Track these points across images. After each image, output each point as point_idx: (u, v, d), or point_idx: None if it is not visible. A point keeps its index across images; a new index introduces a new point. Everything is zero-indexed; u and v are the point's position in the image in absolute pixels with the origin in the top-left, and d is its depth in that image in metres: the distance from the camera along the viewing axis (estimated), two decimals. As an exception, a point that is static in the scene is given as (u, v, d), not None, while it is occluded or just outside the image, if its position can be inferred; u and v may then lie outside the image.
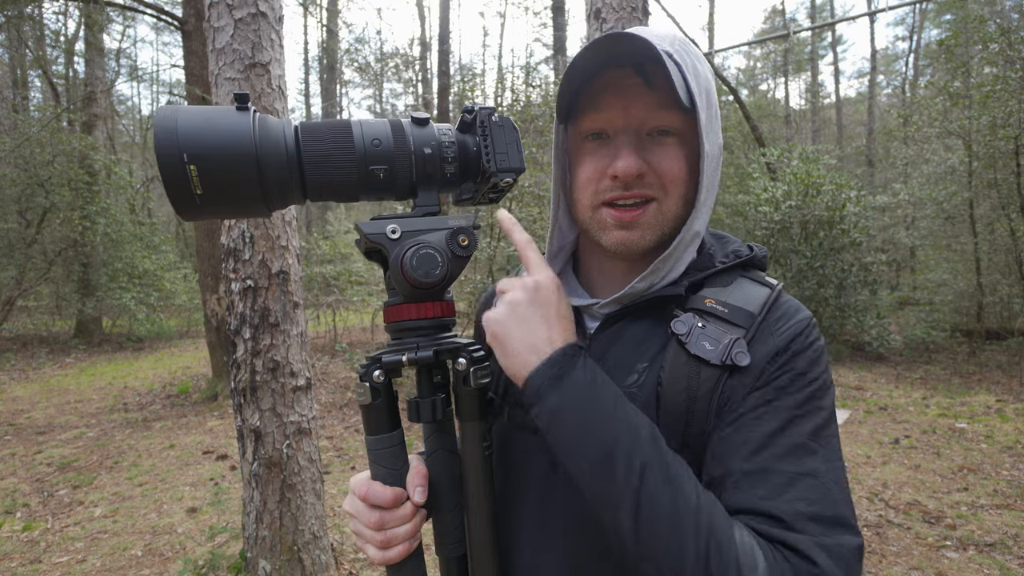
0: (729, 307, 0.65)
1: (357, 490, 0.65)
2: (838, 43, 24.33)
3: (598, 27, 2.78)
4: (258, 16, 2.40)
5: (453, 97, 11.84)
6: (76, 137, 9.81)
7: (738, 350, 0.61)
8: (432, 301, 0.65)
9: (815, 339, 0.65)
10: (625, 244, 0.67)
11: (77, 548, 3.25)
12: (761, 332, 0.64)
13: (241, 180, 0.56)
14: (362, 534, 0.65)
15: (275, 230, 2.46)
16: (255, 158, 0.56)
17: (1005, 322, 8.69)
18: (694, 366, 0.62)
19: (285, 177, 0.59)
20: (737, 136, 14.55)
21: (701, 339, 0.63)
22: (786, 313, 0.65)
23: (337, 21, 19.34)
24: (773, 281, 0.69)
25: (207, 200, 0.56)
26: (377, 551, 0.64)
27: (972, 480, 4.01)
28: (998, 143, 7.73)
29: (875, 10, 11.49)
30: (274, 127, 0.59)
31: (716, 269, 0.69)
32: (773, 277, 0.71)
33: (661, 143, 0.66)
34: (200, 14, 6.18)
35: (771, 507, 0.55)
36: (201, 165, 0.54)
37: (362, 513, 0.65)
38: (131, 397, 6.93)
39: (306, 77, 24.81)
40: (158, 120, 0.54)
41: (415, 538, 0.65)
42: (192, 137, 0.54)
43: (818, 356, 0.64)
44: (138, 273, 10.87)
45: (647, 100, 0.65)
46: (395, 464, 0.66)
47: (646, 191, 0.66)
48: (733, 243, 0.74)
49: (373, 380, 0.64)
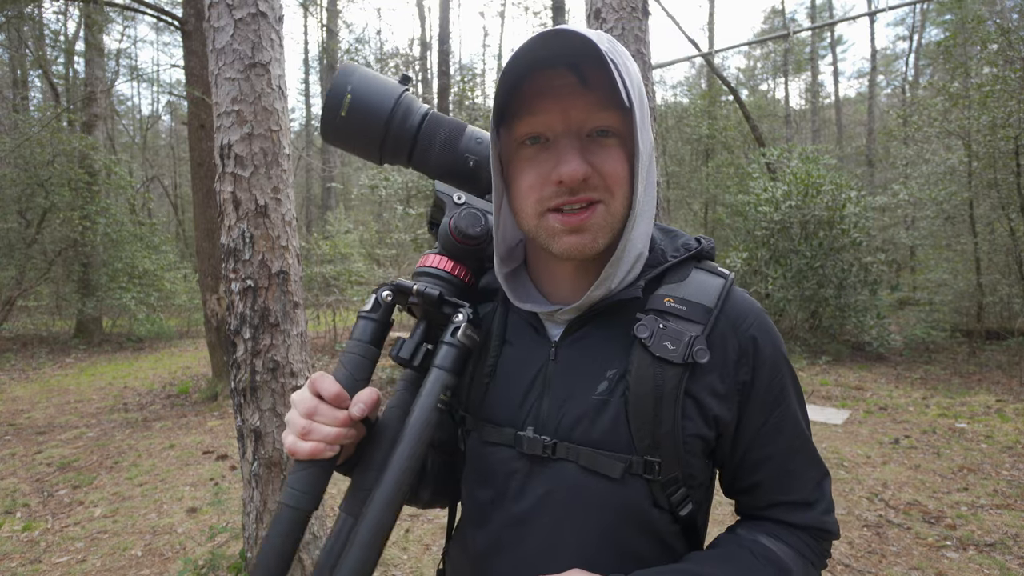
0: (687, 304, 0.68)
1: (311, 380, 0.65)
2: (838, 43, 24.35)
3: (598, 27, 2.78)
4: (258, 16, 2.40)
5: (453, 97, 11.84)
6: (76, 137, 9.81)
7: (698, 347, 0.65)
8: (460, 263, 0.74)
9: (776, 339, 0.72)
10: (578, 248, 0.65)
11: (77, 548, 3.25)
12: (720, 326, 0.68)
13: (371, 123, 0.72)
14: (291, 420, 0.64)
15: (275, 230, 2.46)
16: (388, 115, 0.72)
17: (1005, 322, 8.69)
18: (658, 367, 0.65)
19: (401, 140, 0.74)
20: (737, 136, 14.56)
21: (663, 340, 0.65)
22: (742, 311, 0.70)
23: (337, 21, 19.33)
24: (724, 271, 0.72)
25: (344, 123, 0.72)
26: (293, 437, 0.63)
27: (972, 480, 4.01)
28: (998, 143, 7.73)
29: (875, 10, 11.50)
30: (413, 105, 0.75)
31: (669, 264, 0.71)
32: (726, 268, 0.77)
33: (602, 144, 0.65)
34: (200, 14, 6.18)
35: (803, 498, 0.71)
36: (355, 97, 0.72)
37: (301, 401, 0.64)
38: (131, 397, 6.93)
39: (306, 77, 24.81)
40: (344, 65, 0.74)
41: (331, 448, 0.62)
42: (360, 80, 0.72)
43: (783, 353, 0.72)
44: (138, 273, 10.87)
45: (585, 100, 0.63)
46: (357, 374, 0.68)
47: (591, 194, 0.64)
48: (681, 236, 0.76)
49: (380, 296, 0.70)
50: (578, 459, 0.67)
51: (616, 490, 0.66)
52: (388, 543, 2.96)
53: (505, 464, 0.71)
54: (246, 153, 2.39)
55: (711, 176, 14.22)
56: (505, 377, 0.74)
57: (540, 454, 0.68)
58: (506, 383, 0.73)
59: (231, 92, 2.38)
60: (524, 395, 0.71)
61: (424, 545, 3.21)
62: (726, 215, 10.72)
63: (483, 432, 0.74)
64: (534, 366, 0.72)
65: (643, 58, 2.76)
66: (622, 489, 0.66)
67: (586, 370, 0.69)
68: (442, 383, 0.66)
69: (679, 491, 0.67)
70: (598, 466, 0.66)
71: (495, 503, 0.72)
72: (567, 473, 0.67)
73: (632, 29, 2.73)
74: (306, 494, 0.63)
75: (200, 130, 6.48)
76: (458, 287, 0.73)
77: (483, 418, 0.74)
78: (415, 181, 8.89)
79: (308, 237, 11.15)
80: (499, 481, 0.72)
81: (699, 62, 18.51)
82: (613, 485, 0.66)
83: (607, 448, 0.66)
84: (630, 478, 0.66)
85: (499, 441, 0.72)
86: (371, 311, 0.70)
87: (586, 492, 0.67)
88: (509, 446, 0.71)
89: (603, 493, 0.66)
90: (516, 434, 0.70)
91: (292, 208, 2.55)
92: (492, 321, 0.77)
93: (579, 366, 0.70)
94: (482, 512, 0.74)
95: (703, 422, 0.67)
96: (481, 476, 0.74)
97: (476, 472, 0.76)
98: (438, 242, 0.75)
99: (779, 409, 0.70)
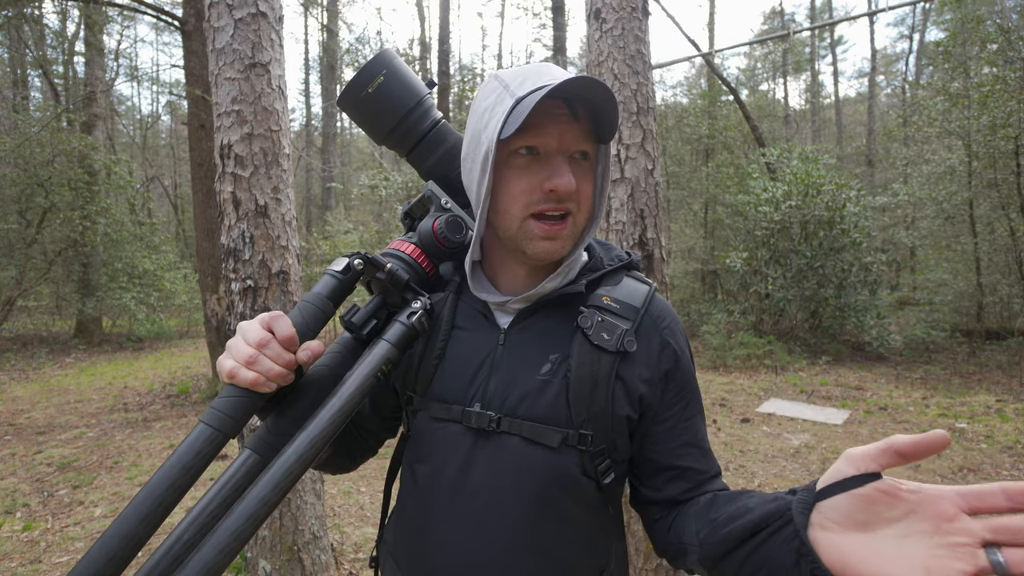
0: (620, 303, 0.80)
1: (264, 316, 0.67)
2: (838, 44, 24.33)
3: (598, 27, 2.78)
4: (258, 16, 2.40)
5: (453, 97, 11.85)
6: (76, 137, 9.80)
7: (628, 338, 0.77)
8: (428, 258, 0.81)
9: (685, 339, 0.85)
10: (550, 254, 0.77)
11: (77, 548, 3.25)
12: (645, 324, 0.81)
13: (390, 110, 0.81)
14: (236, 347, 0.64)
15: (275, 230, 2.46)
16: (408, 110, 0.81)
17: (1005, 322, 8.69)
18: (595, 354, 0.76)
19: (410, 136, 0.83)
20: (737, 136, 14.54)
21: (600, 331, 0.77)
22: (662, 313, 0.83)
23: (337, 21, 19.32)
24: (649, 280, 0.86)
25: (365, 99, 0.81)
26: (234, 363, 0.63)
27: (972, 480, 4.01)
28: (998, 143, 7.73)
29: (875, 10, 11.50)
30: (431, 110, 0.84)
31: (607, 269, 0.84)
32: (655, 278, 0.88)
33: (581, 165, 0.77)
34: (200, 14, 6.18)
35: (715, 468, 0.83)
36: (385, 81, 0.80)
37: (252, 331, 0.65)
38: (131, 397, 6.93)
39: (306, 77, 24.82)
40: (386, 50, 0.82)
41: (267, 384, 0.64)
42: (396, 69, 0.81)
43: (690, 351, 0.86)
44: (138, 273, 10.86)
45: (573, 130, 0.75)
46: (311, 323, 0.70)
47: (568, 205, 0.76)
48: (614, 249, 0.89)
49: (352, 261, 0.73)
50: (521, 432, 0.76)
51: (553, 457, 0.75)
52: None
53: (452, 440, 0.78)
54: (246, 153, 2.39)
55: (711, 176, 14.21)
56: (454, 360, 0.82)
57: (486, 427, 0.76)
58: (455, 365, 0.81)
59: (231, 92, 2.38)
60: (473, 375, 0.80)
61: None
62: (726, 215, 10.72)
63: (431, 409, 0.81)
64: (483, 350, 0.81)
65: (643, 58, 2.76)
66: (558, 457, 0.75)
67: (531, 354, 0.79)
68: (386, 355, 0.69)
69: (604, 462, 0.77)
70: (539, 437, 0.75)
71: (439, 475, 0.78)
72: (511, 445, 0.76)
73: (632, 29, 2.73)
74: (231, 419, 0.62)
75: (200, 130, 6.48)
76: (421, 277, 0.80)
77: (432, 397, 0.81)
78: (415, 182, 8.88)
79: (308, 237, 11.15)
80: (446, 455, 0.78)
81: (699, 62, 18.51)
82: (551, 453, 0.75)
83: (548, 423, 0.76)
84: (566, 449, 0.75)
85: (447, 417, 0.79)
86: (340, 272, 0.73)
87: (527, 460, 0.75)
88: (456, 422, 0.78)
89: (542, 460, 0.75)
90: (464, 410, 0.78)
91: (292, 208, 2.55)
92: (443, 308, 0.84)
93: (525, 350, 0.79)
94: (427, 486, 0.80)
95: (628, 403, 0.77)
96: (427, 451, 0.81)
97: (422, 448, 0.81)
98: (416, 234, 0.82)
99: (693, 397, 0.83)
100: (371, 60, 0.81)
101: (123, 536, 0.54)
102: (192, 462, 0.60)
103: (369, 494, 3.99)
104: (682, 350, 0.83)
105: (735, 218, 10.07)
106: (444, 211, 0.83)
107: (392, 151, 0.89)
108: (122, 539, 0.54)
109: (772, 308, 9.19)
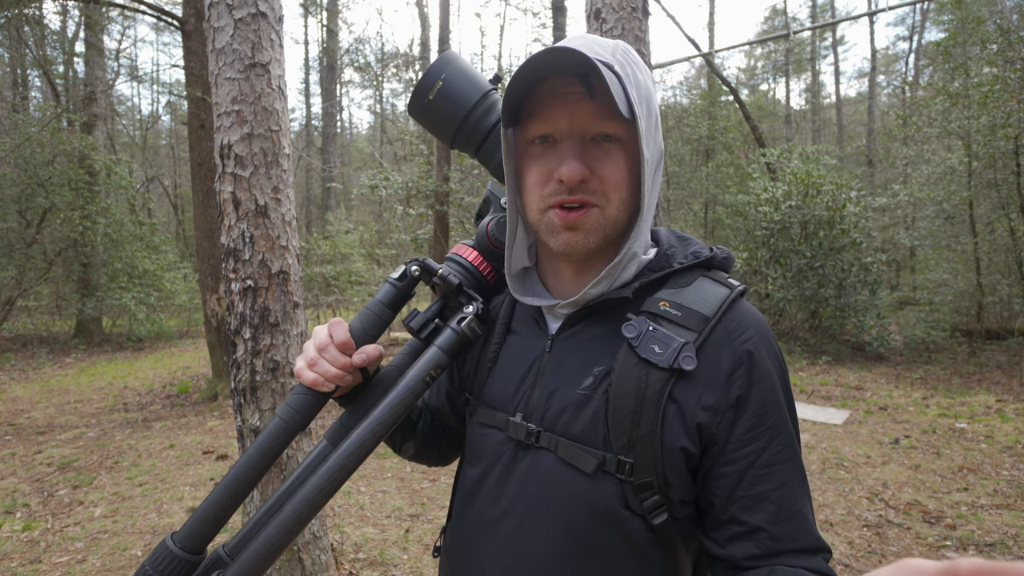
0: (683, 309, 0.68)
1: (331, 322, 0.75)
2: (839, 43, 24.31)
3: (598, 27, 2.78)
4: (258, 16, 2.40)
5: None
6: (76, 137, 9.80)
7: (685, 354, 0.64)
8: (487, 260, 0.81)
9: (776, 358, 0.68)
10: (571, 245, 0.69)
11: (77, 548, 3.25)
12: (714, 337, 0.66)
13: (452, 113, 0.78)
14: (306, 349, 0.74)
15: (275, 230, 2.46)
16: (469, 110, 0.77)
17: (1005, 322, 8.68)
18: (643, 369, 0.65)
19: (474, 134, 0.80)
20: (737, 136, 14.55)
21: (651, 342, 0.65)
22: (742, 324, 0.68)
23: (337, 21, 19.33)
24: (735, 283, 0.71)
25: (429, 106, 0.78)
26: (302, 364, 0.73)
27: (972, 480, 4.01)
28: (998, 143, 7.72)
29: (875, 10, 11.49)
30: (496, 105, 0.80)
31: (673, 269, 0.71)
32: (737, 280, 0.75)
33: (604, 148, 0.68)
34: (200, 14, 6.18)
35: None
36: (445, 85, 0.77)
37: (317, 335, 0.74)
38: (131, 397, 6.93)
39: (306, 77, 24.77)
40: (445, 53, 0.80)
41: (327, 384, 0.72)
42: (454, 71, 0.78)
43: (784, 373, 0.69)
44: (138, 273, 10.86)
45: (589, 108, 0.66)
46: (369, 329, 0.76)
47: (588, 197, 0.67)
48: (695, 245, 0.75)
49: (409, 269, 0.78)
50: (556, 449, 0.69)
51: (587, 485, 0.67)
52: (388, 543, 2.94)
53: (495, 447, 0.75)
54: (246, 153, 2.39)
55: (711, 176, 14.22)
56: (506, 364, 0.78)
57: (524, 440, 0.72)
58: (505, 370, 0.78)
59: (231, 92, 2.38)
60: (519, 382, 0.75)
61: (424, 545, 3.21)
62: (726, 215, 10.72)
63: (481, 414, 0.79)
64: (531, 356, 0.76)
65: (643, 58, 2.76)
66: (593, 485, 0.67)
67: (575, 364, 0.72)
68: (435, 361, 0.72)
69: (652, 497, 0.66)
70: (573, 459, 0.68)
71: (483, 482, 0.76)
72: (545, 462, 0.70)
73: (632, 29, 2.73)
74: (298, 413, 0.73)
75: (200, 130, 6.48)
76: (479, 281, 0.80)
77: (482, 401, 0.79)
78: (415, 182, 8.88)
79: (308, 237, 11.15)
80: (488, 462, 0.76)
81: (699, 62, 18.51)
82: (585, 480, 0.67)
83: (584, 443, 0.67)
84: (602, 475, 0.66)
85: (493, 424, 0.76)
86: (398, 279, 0.78)
87: (559, 484, 0.68)
88: (500, 429, 0.75)
89: (575, 487, 0.67)
90: (507, 419, 0.74)
91: (292, 208, 2.55)
92: (499, 311, 0.82)
93: (570, 360, 0.72)
94: (472, 492, 0.78)
95: (684, 432, 0.65)
96: (474, 455, 0.79)
97: (471, 451, 0.80)
98: (475, 236, 0.83)
99: (779, 438, 0.65)
100: (430, 66, 0.78)
101: (217, 505, 0.70)
102: (269, 449, 0.72)
103: (369, 494, 3.98)
104: (765, 374, 0.66)
105: (735, 218, 10.06)
106: (502, 211, 0.82)
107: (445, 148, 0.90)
108: (215, 507, 0.70)
109: (772, 308, 9.19)
